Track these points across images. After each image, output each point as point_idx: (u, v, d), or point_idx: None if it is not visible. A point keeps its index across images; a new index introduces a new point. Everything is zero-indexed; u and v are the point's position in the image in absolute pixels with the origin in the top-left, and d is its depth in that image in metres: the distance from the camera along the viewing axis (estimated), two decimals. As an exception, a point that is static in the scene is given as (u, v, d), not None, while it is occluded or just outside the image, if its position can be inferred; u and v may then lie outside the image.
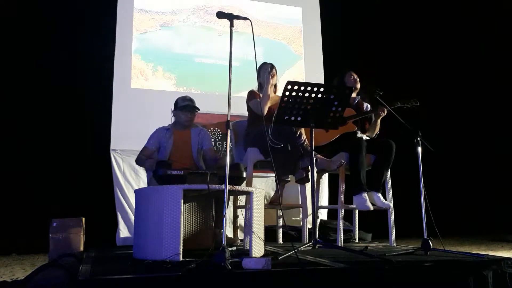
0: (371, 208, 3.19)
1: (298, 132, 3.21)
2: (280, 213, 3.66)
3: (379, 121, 3.59)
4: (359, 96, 3.75)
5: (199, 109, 3.33)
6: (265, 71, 3.48)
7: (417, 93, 3.41)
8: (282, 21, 5.44)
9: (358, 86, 3.68)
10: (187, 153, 3.27)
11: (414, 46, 6.04)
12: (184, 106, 3.25)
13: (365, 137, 3.67)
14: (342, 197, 3.34)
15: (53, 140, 4.39)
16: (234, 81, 2.22)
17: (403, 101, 3.41)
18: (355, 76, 3.70)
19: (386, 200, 3.41)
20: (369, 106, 3.73)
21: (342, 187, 3.35)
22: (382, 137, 3.64)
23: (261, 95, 3.41)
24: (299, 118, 2.62)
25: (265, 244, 2.53)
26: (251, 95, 3.51)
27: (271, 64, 3.53)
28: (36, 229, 3.66)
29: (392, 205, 3.39)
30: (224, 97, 2.25)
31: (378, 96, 3.30)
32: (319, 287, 1.88)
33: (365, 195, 3.22)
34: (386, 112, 3.49)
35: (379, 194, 3.30)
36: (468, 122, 6.14)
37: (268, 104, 3.42)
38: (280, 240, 3.71)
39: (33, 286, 1.79)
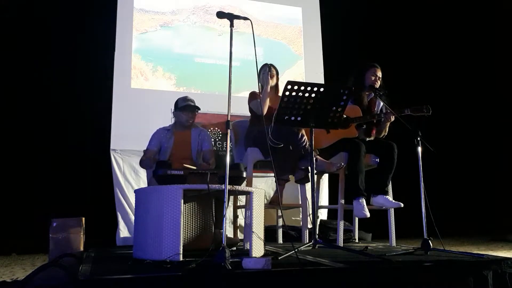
0: (368, 215, 3.15)
1: (300, 134, 3.22)
2: (280, 213, 3.66)
3: (388, 124, 3.46)
4: (372, 94, 3.50)
5: (199, 109, 3.35)
6: (264, 72, 3.50)
7: (417, 92, 3.37)
8: (282, 21, 5.44)
9: (377, 85, 3.44)
10: (187, 153, 3.28)
11: (415, 46, 6.03)
12: (185, 107, 3.27)
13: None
14: (342, 197, 3.34)
15: (53, 140, 4.39)
16: (234, 81, 2.22)
17: (413, 109, 3.11)
18: (379, 75, 3.45)
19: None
20: (381, 104, 3.50)
21: (342, 187, 3.35)
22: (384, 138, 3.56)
23: (261, 96, 3.42)
24: (299, 118, 2.62)
25: (265, 244, 2.53)
26: (252, 96, 3.52)
27: (270, 64, 3.54)
28: (36, 229, 3.65)
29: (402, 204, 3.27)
30: (224, 97, 2.25)
31: (378, 96, 3.30)
32: (319, 287, 1.88)
33: (362, 200, 3.19)
34: (394, 118, 3.34)
35: (387, 196, 3.27)
36: (468, 122, 6.13)
37: (268, 104, 3.43)
38: (280, 240, 3.72)
39: (33, 286, 1.79)
